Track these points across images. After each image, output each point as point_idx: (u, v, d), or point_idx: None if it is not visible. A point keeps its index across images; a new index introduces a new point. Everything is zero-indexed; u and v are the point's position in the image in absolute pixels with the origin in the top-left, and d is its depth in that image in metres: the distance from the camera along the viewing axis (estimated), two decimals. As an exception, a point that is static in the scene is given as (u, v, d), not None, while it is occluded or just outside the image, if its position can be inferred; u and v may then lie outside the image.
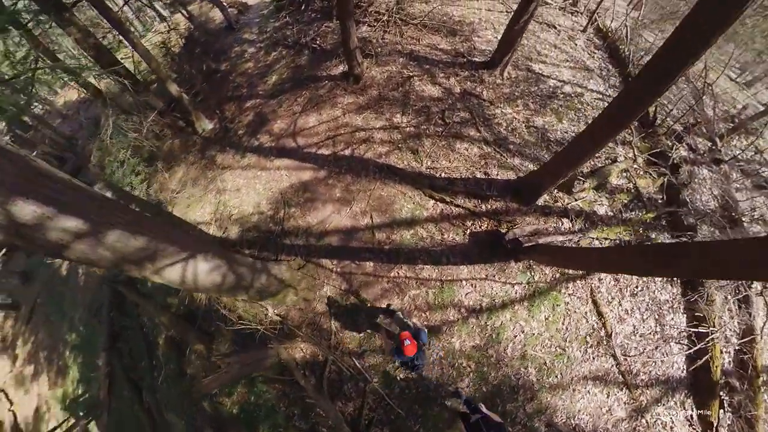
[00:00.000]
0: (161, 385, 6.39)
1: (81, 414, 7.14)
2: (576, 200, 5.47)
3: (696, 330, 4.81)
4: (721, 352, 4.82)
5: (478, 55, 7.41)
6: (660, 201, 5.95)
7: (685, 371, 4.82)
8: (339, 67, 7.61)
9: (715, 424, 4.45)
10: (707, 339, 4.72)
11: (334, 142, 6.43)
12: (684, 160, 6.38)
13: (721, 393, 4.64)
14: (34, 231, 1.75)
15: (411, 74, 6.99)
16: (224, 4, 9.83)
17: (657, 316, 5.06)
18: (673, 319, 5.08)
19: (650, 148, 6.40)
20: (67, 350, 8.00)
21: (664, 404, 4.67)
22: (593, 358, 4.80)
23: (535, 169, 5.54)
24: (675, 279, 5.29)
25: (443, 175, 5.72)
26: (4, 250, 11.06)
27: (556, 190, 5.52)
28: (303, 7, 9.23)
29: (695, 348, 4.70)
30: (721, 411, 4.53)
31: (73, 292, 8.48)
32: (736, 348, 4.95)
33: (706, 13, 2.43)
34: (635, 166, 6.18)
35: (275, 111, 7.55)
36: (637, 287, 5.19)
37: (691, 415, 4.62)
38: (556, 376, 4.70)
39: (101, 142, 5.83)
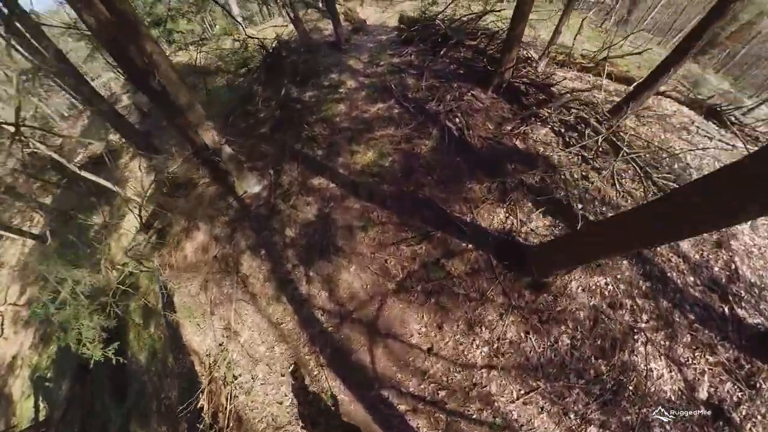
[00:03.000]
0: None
1: (30, 419, 6.50)
2: None
3: None
4: None
5: (754, 324, 3.49)
6: None
7: None
8: (499, 212, 3.96)
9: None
10: None
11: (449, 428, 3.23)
12: None
13: None
14: None
15: (640, 326, 3.32)
16: (339, 17, 6.66)
17: None
18: None
19: None
20: (55, 324, 7.32)
21: None
22: None
23: None
24: None
25: None
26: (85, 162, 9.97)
27: None
28: (441, 51, 4.97)
29: None
30: None
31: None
32: None
33: None
34: None
35: (352, 232, 4.40)
36: None
37: None
38: None
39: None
